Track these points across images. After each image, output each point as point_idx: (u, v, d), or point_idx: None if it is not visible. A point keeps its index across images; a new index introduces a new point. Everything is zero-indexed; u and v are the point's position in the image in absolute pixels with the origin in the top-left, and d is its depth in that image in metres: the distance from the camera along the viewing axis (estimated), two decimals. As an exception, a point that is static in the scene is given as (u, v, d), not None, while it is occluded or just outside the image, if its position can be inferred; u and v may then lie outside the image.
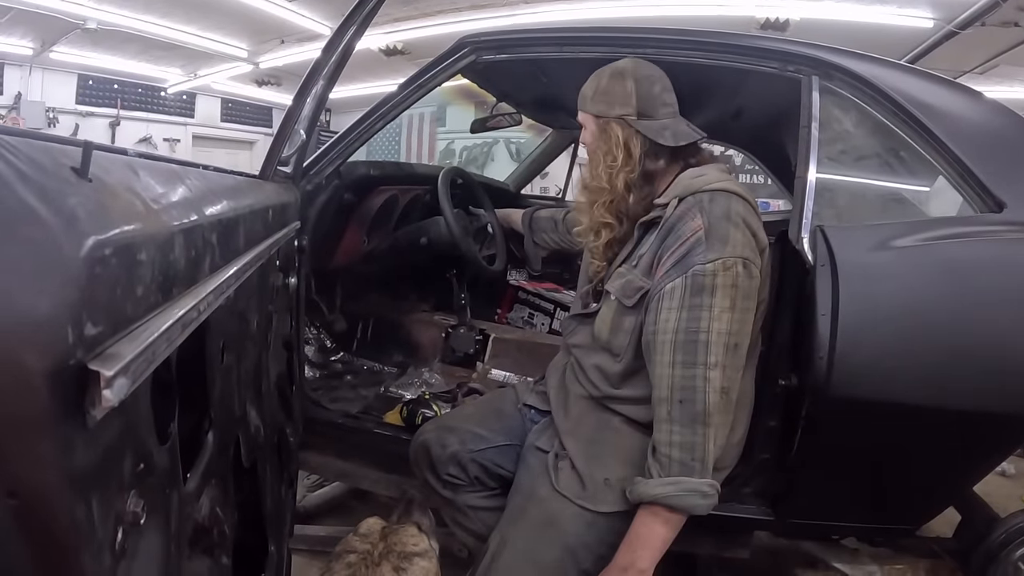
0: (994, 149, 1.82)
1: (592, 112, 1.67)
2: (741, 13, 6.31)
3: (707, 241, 1.43)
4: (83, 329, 0.49)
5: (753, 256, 1.46)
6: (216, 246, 0.85)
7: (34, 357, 0.45)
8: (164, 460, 0.74)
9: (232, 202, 1.00)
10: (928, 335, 1.64)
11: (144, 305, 0.61)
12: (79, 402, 0.49)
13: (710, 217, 1.46)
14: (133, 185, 0.65)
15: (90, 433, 0.52)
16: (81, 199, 0.53)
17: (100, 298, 0.52)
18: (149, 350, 0.56)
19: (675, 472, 1.41)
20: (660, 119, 1.64)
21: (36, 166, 0.50)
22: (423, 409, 2.29)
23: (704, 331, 1.41)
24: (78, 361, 0.49)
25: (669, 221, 1.52)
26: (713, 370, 1.41)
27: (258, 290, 1.32)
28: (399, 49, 8.05)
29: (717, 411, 1.42)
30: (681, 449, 1.41)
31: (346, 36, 1.79)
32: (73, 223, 0.50)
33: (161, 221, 0.67)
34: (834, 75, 1.88)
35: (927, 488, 1.89)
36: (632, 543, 1.46)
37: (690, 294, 1.43)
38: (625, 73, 1.66)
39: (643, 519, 1.45)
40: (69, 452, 0.50)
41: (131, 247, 0.58)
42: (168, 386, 0.77)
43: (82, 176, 0.55)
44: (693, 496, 1.41)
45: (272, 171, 1.63)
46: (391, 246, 2.80)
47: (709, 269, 1.42)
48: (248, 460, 1.26)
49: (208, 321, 0.81)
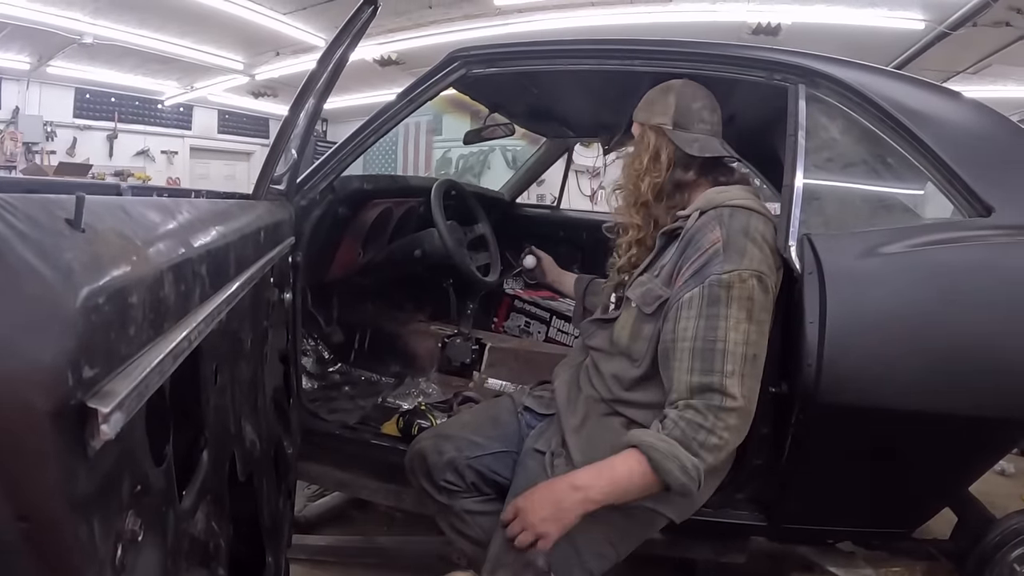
0: (981, 153, 1.82)
1: (637, 120, 1.79)
2: (732, 19, 6.35)
3: (725, 253, 1.47)
4: (81, 373, 0.54)
5: (769, 272, 1.51)
6: (206, 276, 0.88)
7: (39, 399, 0.51)
8: (160, 480, 0.78)
9: (222, 230, 1.03)
10: (916, 341, 1.64)
11: (136, 343, 0.65)
12: (80, 435, 0.54)
13: (729, 230, 1.50)
14: (123, 230, 0.69)
15: (91, 461, 0.57)
16: (75, 252, 0.57)
17: (96, 343, 0.57)
18: (142, 384, 0.60)
19: (675, 437, 1.42)
20: (694, 132, 1.71)
21: (33, 223, 0.54)
22: (419, 420, 2.30)
23: (721, 340, 1.44)
24: (78, 401, 0.54)
25: (689, 232, 1.57)
26: (730, 378, 1.42)
27: (251, 309, 1.35)
28: (393, 59, 8.10)
29: (738, 416, 1.43)
30: (689, 425, 1.42)
31: (337, 53, 1.81)
32: (69, 277, 0.55)
33: (151, 262, 0.71)
34: (820, 83, 1.89)
35: (920, 492, 1.90)
36: (600, 471, 1.46)
37: (707, 304, 1.46)
38: (671, 88, 1.77)
39: (625, 458, 1.45)
40: (72, 479, 0.55)
41: (123, 292, 0.62)
42: (163, 411, 0.80)
43: (76, 227, 0.59)
44: (674, 463, 1.39)
45: (265, 190, 1.65)
46: (386, 258, 2.82)
47: (725, 280, 1.45)
48: (244, 474, 1.28)
49: (200, 346, 0.84)
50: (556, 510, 1.43)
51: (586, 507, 1.43)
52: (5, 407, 0.50)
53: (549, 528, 1.42)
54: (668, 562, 2.13)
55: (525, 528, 1.43)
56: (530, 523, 1.43)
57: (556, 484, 1.48)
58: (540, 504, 1.45)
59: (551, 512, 1.43)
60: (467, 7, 6.63)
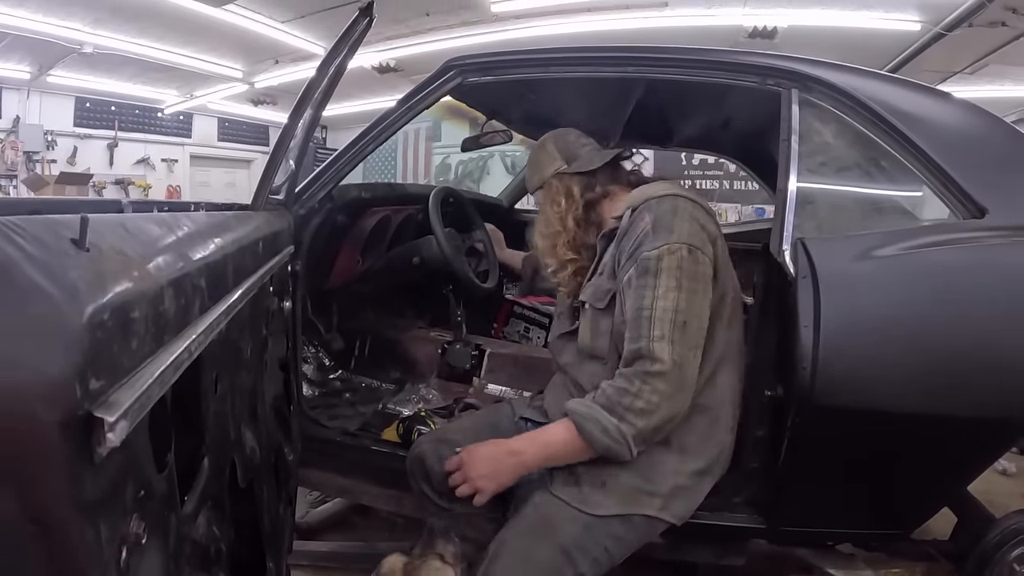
0: (974, 154, 1.83)
1: (536, 186, 1.90)
2: (729, 23, 6.36)
3: (654, 233, 1.54)
4: (88, 385, 0.57)
5: (701, 244, 1.55)
6: (204, 289, 0.91)
7: (49, 410, 0.54)
8: (163, 486, 0.81)
9: (220, 242, 1.05)
10: (911, 343, 1.65)
11: (139, 355, 0.68)
12: (87, 443, 0.57)
13: (656, 213, 1.57)
14: (125, 247, 0.72)
15: (97, 468, 0.60)
16: (80, 271, 0.61)
17: (101, 356, 0.60)
18: (145, 394, 0.63)
19: (599, 403, 1.51)
20: (584, 156, 1.83)
21: (40, 244, 0.57)
22: (419, 426, 2.32)
23: (648, 308, 1.50)
24: (85, 411, 0.57)
25: (624, 227, 1.63)
26: (658, 342, 1.47)
27: (251, 318, 1.37)
28: (392, 67, 8.12)
29: (664, 380, 1.47)
30: (615, 391, 1.50)
31: (334, 62, 1.83)
32: (75, 295, 0.58)
33: (152, 277, 0.74)
34: (813, 87, 1.91)
35: (917, 493, 1.90)
36: (535, 437, 1.62)
37: (637, 276, 1.53)
38: (543, 142, 1.91)
39: (556, 424, 1.59)
40: (79, 485, 0.58)
41: (125, 307, 0.65)
42: (165, 419, 0.83)
43: (80, 247, 0.62)
44: (595, 425, 1.50)
45: (263, 200, 1.67)
46: (385, 266, 2.84)
47: (654, 254, 1.52)
48: (244, 481, 1.29)
49: (200, 356, 0.86)
50: (494, 470, 1.58)
51: (520, 470, 1.59)
52: (17, 417, 0.53)
53: (486, 484, 1.58)
54: (668, 565, 2.14)
55: (466, 480, 1.59)
56: (470, 478, 1.59)
57: (497, 446, 1.62)
58: (481, 463, 1.59)
59: (489, 471, 1.58)
60: (464, 14, 6.64)
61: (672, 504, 1.60)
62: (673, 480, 1.59)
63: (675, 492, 1.60)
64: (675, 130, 2.96)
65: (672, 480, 1.59)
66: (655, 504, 1.58)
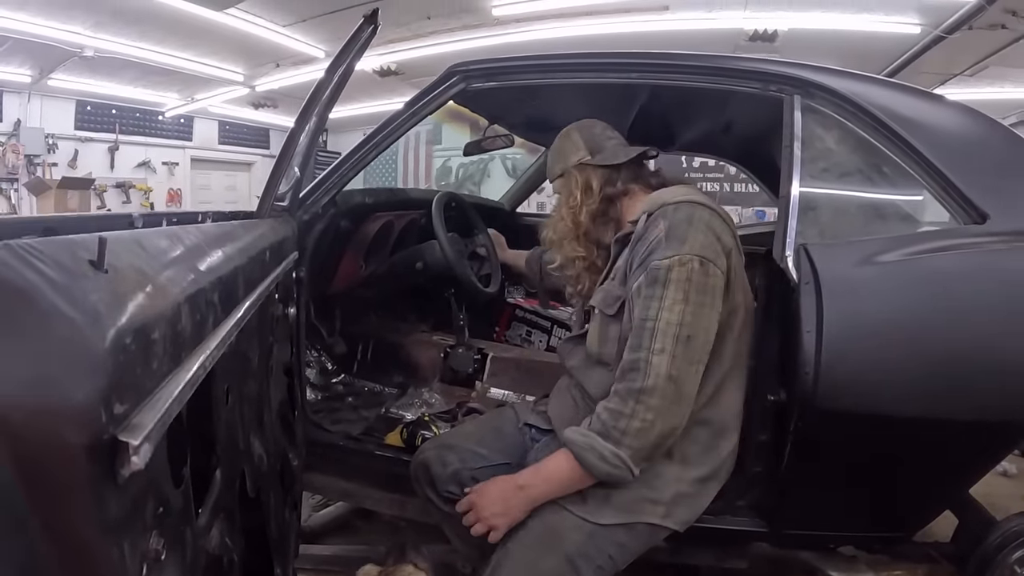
0: (975, 159, 1.84)
1: (557, 174, 1.88)
2: (729, 26, 6.37)
3: (666, 241, 1.53)
4: (113, 409, 0.58)
5: (714, 256, 1.53)
6: (217, 304, 0.92)
7: (75, 434, 0.54)
8: (179, 501, 0.82)
9: (231, 254, 1.06)
10: (913, 348, 1.66)
11: (159, 375, 0.69)
12: (111, 466, 0.58)
13: (671, 221, 1.55)
14: (142, 265, 0.73)
15: (120, 489, 0.61)
16: (101, 294, 0.61)
17: (124, 380, 0.61)
18: (166, 414, 0.64)
19: (595, 429, 1.52)
20: (609, 149, 1.81)
21: (60, 267, 0.58)
22: (422, 431, 2.32)
23: (652, 319, 1.49)
24: (110, 435, 0.58)
25: (638, 232, 1.62)
26: (657, 355, 1.47)
27: (258, 327, 1.38)
28: (393, 70, 8.12)
29: (659, 395, 1.46)
30: (609, 414, 1.50)
31: (339, 70, 1.84)
32: (97, 319, 0.59)
33: (169, 296, 0.75)
34: (815, 93, 1.91)
35: (919, 496, 1.91)
36: (538, 471, 1.61)
37: (646, 286, 1.52)
38: (568, 131, 1.89)
39: (557, 456, 1.58)
40: (104, 507, 0.59)
41: (146, 328, 0.66)
42: (181, 434, 0.84)
43: (99, 268, 0.63)
44: (592, 454, 1.50)
45: (268, 208, 1.68)
46: (388, 271, 2.85)
47: (664, 264, 1.50)
48: (253, 490, 1.30)
49: (213, 370, 0.86)
50: (504, 507, 1.58)
51: (529, 504, 1.58)
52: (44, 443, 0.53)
53: (498, 521, 1.58)
54: (670, 568, 2.15)
55: (478, 520, 1.60)
56: (483, 517, 1.59)
57: (505, 483, 1.62)
58: (490, 501, 1.60)
59: (500, 508, 1.58)
60: (466, 18, 6.64)
61: (675, 511, 1.61)
62: (675, 488, 1.60)
63: (678, 500, 1.61)
64: (677, 134, 2.97)
65: (674, 488, 1.60)
66: (658, 512, 1.59)
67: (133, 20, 6.56)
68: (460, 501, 1.66)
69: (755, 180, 3.64)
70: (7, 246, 0.54)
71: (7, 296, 0.53)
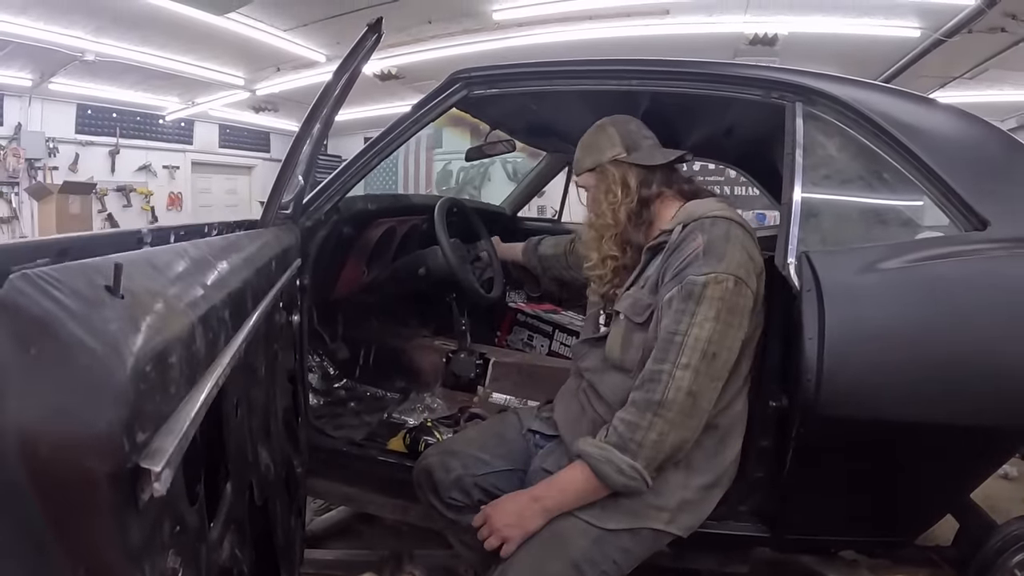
0: (976, 166, 1.83)
1: (588, 167, 1.83)
2: (730, 30, 6.37)
3: (704, 256, 1.53)
4: (135, 438, 0.59)
5: (747, 277, 1.54)
6: (228, 320, 0.93)
7: (99, 463, 0.55)
8: (194, 519, 0.83)
9: (239, 267, 1.07)
10: (915, 354, 1.66)
11: (176, 398, 0.69)
12: (133, 491, 0.59)
13: (710, 236, 1.56)
14: (156, 288, 0.74)
15: (141, 513, 0.61)
16: (119, 322, 0.62)
17: (145, 407, 0.61)
18: (184, 437, 0.64)
19: (611, 441, 1.52)
20: (646, 149, 1.79)
21: (77, 295, 0.58)
22: (425, 436, 2.32)
23: (681, 333, 1.50)
24: (133, 463, 0.58)
25: (673, 244, 1.62)
26: (681, 370, 1.48)
27: (264, 336, 1.38)
28: (394, 74, 8.13)
29: (677, 409, 1.48)
30: (626, 427, 1.51)
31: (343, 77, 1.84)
32: (116, 348, 0.59)
33: (183, 318, 0.75)
34: (816, 100, 1.91)
35: (920, 500, 1.91)
36: (552, 483, 1.60)
37: (679, 300, 1.52)
38: (603, 124, 1.86)
39: (572, 468, 1.59)
40: (126, 531, 0.60)
41: (163, 354, 0.67)
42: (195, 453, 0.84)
43: (115, 294, 0.63)
44: (609, 467, 1.51)
45: (272, 217, 1.68)
46: (390, 276, 2.86)
47: (700, 280, 1.51)
48: (260, 499, 1.31)
49: (223, 385, 0.87)
50: (519, 519, 1.57)
51: (545, 515, 1.57)
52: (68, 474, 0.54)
53: (513, 533, 1.56)
54: (672, 572, 2.15)
55: (492, 533, 1.58)
56: (496, 529, 1.57)
57: (519, 496, 1.62)
58: (505, 513, 1.59)
59: (515, 520, 1.57)
60: (466, 22, 6.65)
61: (679, 517, 1.62)
62: (680, 494, 1.61)
63: (682, 506, 1.62)
64: (678, 139, 2.95)
65: (679, 494, 1.61)
66: (663, 518, 1.60)
67: (134, 24, 6.57)
68: (475, 516, 1.65)
69: (755, 184, 3.64)
70: (25, 276, 0.54)
71: (28, 327, 0.53)
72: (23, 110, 8.92)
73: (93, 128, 9.81)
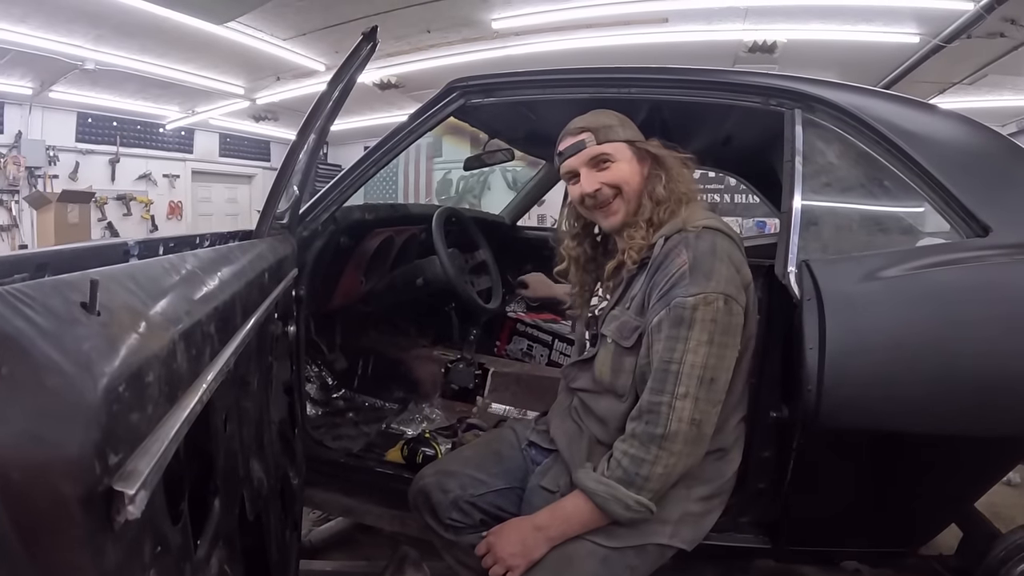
0: (977, 172, 1.82)
1: (624, 139, 1.71)
2: (729, 38, 6.38)
3: (691, 275, 1.48)
4: (107, 460, 0.57)
5: (736, 293, 1.50)
6: (214, 334, 0.90)
7: (69, 487, 0.53)
8: (177, 538, 0.80)
9: (228, 280, 1.05)
10: (917, 363, 1.64)
11: (154, 418, 0.67)
12: (107, 514, 0.57)
13: (695, 252, 1.50)
14: (135, 304, 0.71)
15: (116, 535, 0.59)
16: (93, 341, 0.59)
17: (118, 429, 0.59)
18: (162, 457, 0.63)
19: (616, 477, 1.49)
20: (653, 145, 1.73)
21: (50, 313, 0.56)
22: (423, 447, 2.31)
23: (677, 362, 1.46)
24: (105, 486, 0.56)
25: (657, 259, 1.57)
26: (681, 400, 1.45)
27: (257, 348, 1.36)
28: (393, 83, 8.14)
29: (682, 440, 1.45)
30: (631, 461, 1.48)
31: (338, 87, 1.84)
32: (89, 368, 0.57)
33: (164, 334, 0.73)
34: (816, 107, 1.90)
35: (923, 510, 1.90)
36: (556, 512, 1.58)
37: (669, 325, 1.48)
38: (608, 111, 1.77)
39: (575, 499, 1.56)
40: (100, 555, 0.58)
41: (140, 373, 0.64)
42: (178, 470, 0.82)
43: (91, 311, 0.61)
44: (616, 504, 1.49)
45: (268, 228, 1.67)
46: (388, 286, 2.84)
47: (690, 303, 1.46)
48: (253, 513, 1.29)
49: (211, 400, 0.85)
50: (523, 547, 1.56)
51: (548, 543, 1.56)
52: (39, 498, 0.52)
53: (518, 562, 1.55)
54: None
55: (496, 562, 1.56)
56: (501, 558, 1.56)
57: (522, 524, 1.60)
58: (509, 542, 1.57)
59: (519, 549, 1.56)
60: (465, 31, 6.66)
61: (681, 531, 1.60)
62: (682, 507, 1.59)
63: (684, 519, 1.60)
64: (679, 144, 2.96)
65: (681, 507, 1.59)
66: (666, 532, 1.58)
67: (134, 33, 6.58)
68: (478, 545, 1.63)
69: (755, 192, 3.64)
70: None
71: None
72: (23, 118, 8.94)
73: (93, 137, 9.82)
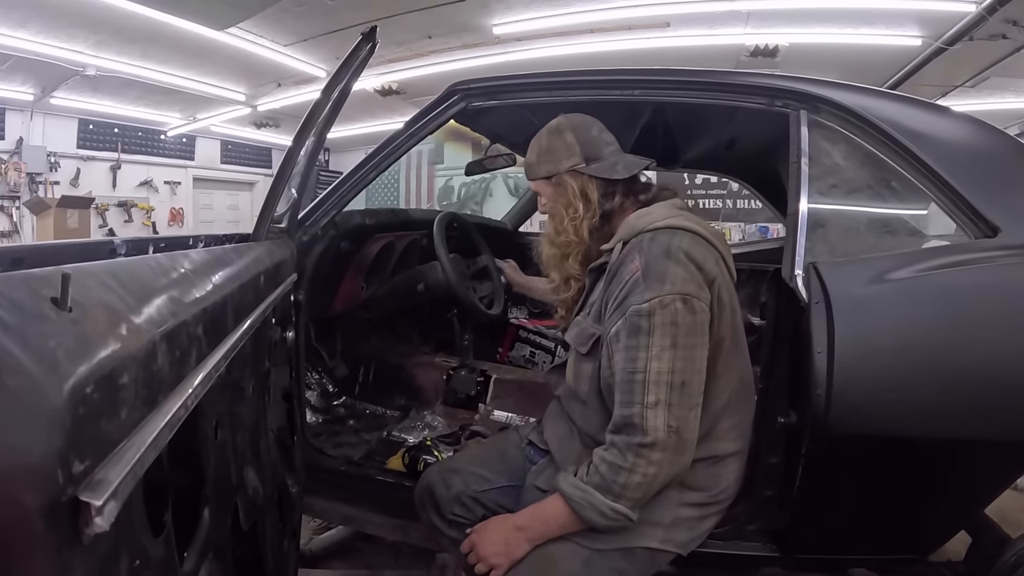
0: (985, 172, 1.80)
1: (543, 175, 1.72)
2: (730, 42, 6.38)
3: (644, 281, 1.45)
4: (71, 468, 0.53)
5: (697, 291, 1.45)
6: (202, 337, 0.87)
7: (30, 497, 0.49)
8: (159, 551, 0.76)
9: (219, 282, 1.01)
10: (927, 366, 1.61)
11: (129, 423, 0.63)
12: (74, 526, 0.53)
13: (648, 256, 1.47)
14: (112, 301, 0.67)
15: (86, 549, 0.55)
16: (60, 338, 0.55)
17: (85, 435, 0.55)
18: (137, 465, 0.59)
19: (593, 483, 1.47)
20: (607, 158, 1.68)
21: (16, 308, 0.52)
22: (424, 455, 2.29)
23: (641, 371, 1.42)
24: (69, 496, 0.52)
25: (613, 266, 1.55)
26: (652, 409, 1.41)
27: (253, 354, 1.34)
28: (394, 89, 8.14)
29: (660, 448, 1.41)
30: (609, 468, 1.45)
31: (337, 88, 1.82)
32: (54, 368, 0.53)
33: (142, 334, 0.69)
34: (821, 108, 1.88)
35: (934, 517, 1.88)
36: (536, 513, 1.56)
37: (627, 335, 1.45)
38: (561, 128, 1.71)
39: (555, 501, 1.53)
40: (67, 570, 0.54)
41: (112, 374, 0.60)
42: (160, 478, 0.78)
43: (61, 307, 0.57)
44: (591, 511, 1.46)
45: (265, 231, 1.65)
46: (389, 292, 2.82)
47: (645, 309, 1.43)
48: (247, 523, 1.26)
49: (199, 405, 0.82)
50: (505, 547, 1.55)
51: (529, 544, 1.55)
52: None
53: (500, 560, 1.55)
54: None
55: (479, 560, 1.57)
56: (483, 557, 1.57)
57: (504, 523, 1.59)
58: (491, 541, 1.57)
59: (501, 548, 1.56)
60: (466, 37, 6.66)
61: (674, 535, 1.57)
62: (675, 511, 1.57)
63: (677, 523, 1.57)
64: (681, 151, 2.95)
65: (674, 511, 1.56)
66: (657, 536, 1.55)
67: (135, 39, 6.59)
68: (462, 543, 1.63)
69: (759, 197, 3.62)
70: None
71: None
72: (25, 124, 8.95)
73: (95, 143, 9.83)
